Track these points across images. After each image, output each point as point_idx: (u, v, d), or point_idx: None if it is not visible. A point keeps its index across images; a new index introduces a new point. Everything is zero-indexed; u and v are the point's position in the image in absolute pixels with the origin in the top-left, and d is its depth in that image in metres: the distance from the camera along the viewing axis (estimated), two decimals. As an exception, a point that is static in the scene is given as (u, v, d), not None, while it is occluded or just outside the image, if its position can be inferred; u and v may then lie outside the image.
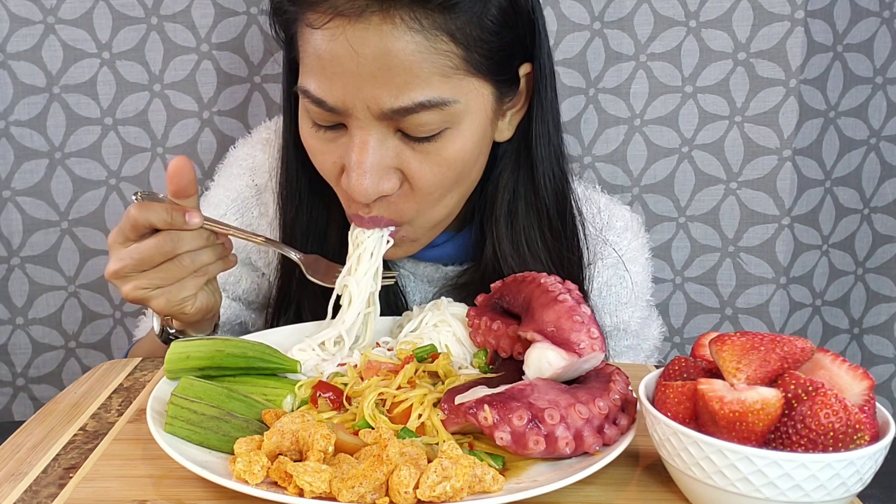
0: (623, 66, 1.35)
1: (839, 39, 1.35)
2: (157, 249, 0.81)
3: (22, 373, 1.39)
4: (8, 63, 1.29)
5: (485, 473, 0.60)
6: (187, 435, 0.66)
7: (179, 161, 0.83)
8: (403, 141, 0.81)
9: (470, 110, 0.81)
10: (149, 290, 0.82)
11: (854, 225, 1.44)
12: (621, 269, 1.01)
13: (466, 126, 0.82)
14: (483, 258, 0.95)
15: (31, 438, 0.71)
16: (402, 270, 1.00)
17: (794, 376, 0.57)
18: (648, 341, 1.07)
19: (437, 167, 0.82)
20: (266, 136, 1.04)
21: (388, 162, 0.81)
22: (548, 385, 0.67)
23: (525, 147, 0.91)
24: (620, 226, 1.02)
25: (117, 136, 1.34)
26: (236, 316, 1.05)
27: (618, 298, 1.02)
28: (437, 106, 0.78)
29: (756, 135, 1.36)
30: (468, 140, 0.82)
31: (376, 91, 0.76)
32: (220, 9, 1.31)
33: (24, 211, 1.34)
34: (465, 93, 0.80)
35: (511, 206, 0.92)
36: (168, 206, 0.82)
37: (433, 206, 0.86)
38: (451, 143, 0.81)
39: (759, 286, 1.41)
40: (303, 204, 0.95)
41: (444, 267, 1.00)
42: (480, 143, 0.85)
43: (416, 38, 0.76)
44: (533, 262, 0.92)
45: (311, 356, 0.82)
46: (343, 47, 0.76)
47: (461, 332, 0.82)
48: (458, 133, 0.81)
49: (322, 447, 0.61)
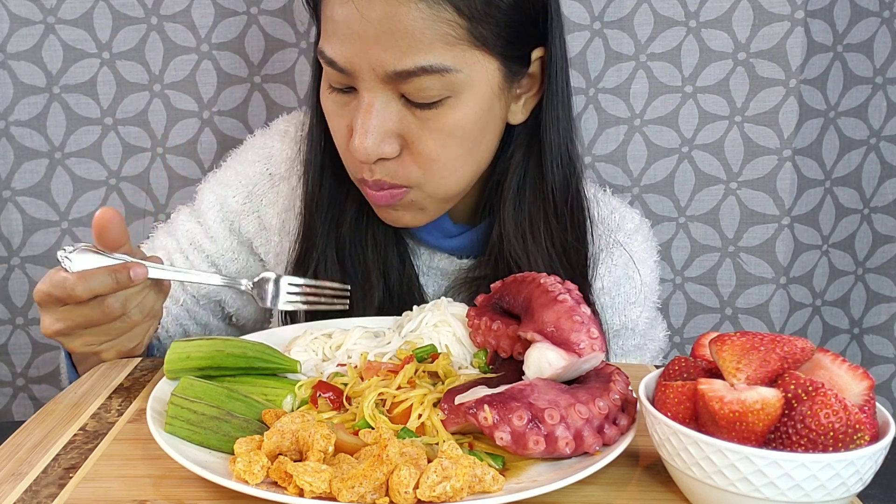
0: (623, 66, 1.35)
1: (839, 39, 1.35)
2: (104, 314, 0.78)
3: (22, 373, 1.39)
4: (8, 63, 1.29)
5: (485, 473, 0.60)
6: (187, 435, 0.66)
7: (105, 213, 0.78)
8: (406, 107, 0.84)
9: (472, 82, 0.84)
10: (96, 345, 0.82)
11: (854, 225, 1.44)
12: (630, 270, 1.02)
13: (468, 97, 0.84)
14: (489, 245, 0.96)
15: (31, 438, 0.71)
16: (417, 263, 1.01)
17: (794, 376, 0.57)
18: (655, 342, 1.08)
19: (437, 134, 0.84)
20: (284, 127, 1.05)
21: (390, 126, 0.84)
22: (548, 385, 0.67)
23: (536, 131, 0.93)
24: (631, 227, 1.04)
25: (117, 136, 1.34)
26: (216, 292, 1.06)
27: (626, 298, 1.03)
28: (438, 72, 0.81)
29: (756, 135, 1.36)
30: (469, 111, 0.84)
31: (381, 54, 0.80)
32: (220, 9, 1.31)
33: (24, 211, 1.34)
34: (468, 64, 0.83)
35: (519, 189, 0.94)
36: (110, 269, 0.77)
37: (440, 176, 0.87)
38: (451, 112, 0.84)
39: (759, 286, 1.41)
40: (325, 176, 0.96)
41: (458, 260, 1.01)
42: (485, 117, 0.86)
43: (420, 6, 0.79)
44: (535, 248, 0.93)
45: (311, 356, 0.82)
46: (352, 11, 0.80)
47: (461, 332, 0.82)
48: (460, 103, 0.84)
49: (322, 447, 0.61)
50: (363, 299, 0.96)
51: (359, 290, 0.96)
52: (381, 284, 0.97)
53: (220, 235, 1.04)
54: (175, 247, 1.05)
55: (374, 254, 0.97)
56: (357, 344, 0.82)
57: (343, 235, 0.97)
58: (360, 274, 0.97)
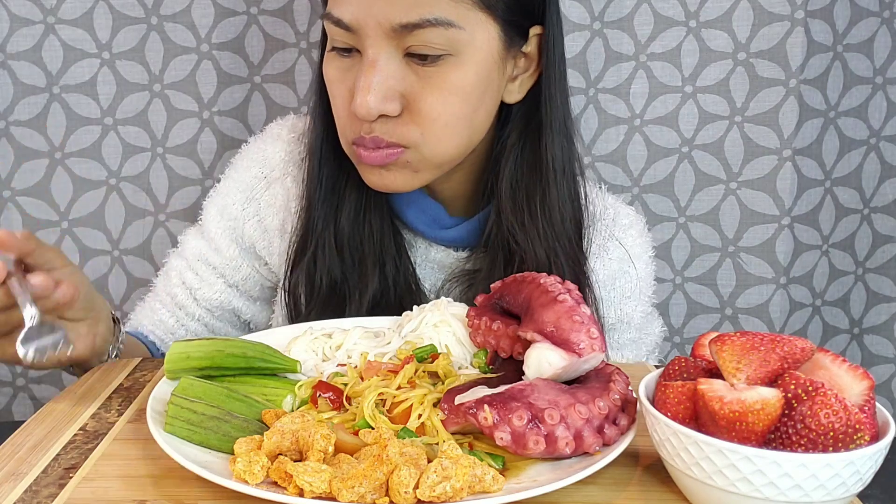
0: (623, 66, 1.35)
1: (839, 39, 1.35)
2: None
3: (22, 373, 1.39)
4: (8, 63, 1.29)
5: (485, 473, 0.60)
6: (187, 435, 0.66)
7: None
8: (409, 65, 0.86)
9: (474, 43, 0.86)
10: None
11: (854, 225, 1.44)
12: (625, 264, 1.04)
13: (469, 58, 0.86)
14: (486, 230, 0.97)
15: (31, 438, 0.71)
16: (413, 255, 1.02)
17: (794, 376, 0.57)
18: (650, 337, 1.09)
19: (439, 92, 0.86)
20: (277, 131, 1.06)
21: (392, 83, 0.86)
22: (548, 385, 0.67)
23: (534, 109, 0.95)
24: (626, 223, 1.05)
25: (117, 136, 1.34)
26: (228, 301, 1.07)
27: (622, 292, 1.04)
28: (443, 25, 0.84)
29: (756, 135, 1.36)
30: (470, 71, 0.87)
31: (386, 8, 0.83)
32: (220, 9, 1.31)
33: (24, 211, 1.34)
34: (472, 24, 0.85)
35: (516, 167, 0.96)
36: None
37: (437, 137, 0.88)
38: (453, 71, 0.86)
39: (759, 286, 1.41)
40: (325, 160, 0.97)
41: (454, 252, 1.01)
42: (484, 81, 0.89)
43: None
44: (531, 223, 0.94)
45: (311, 356, 0.82)
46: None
47: (461, 332, 0.82)
48: (461, 62, 0.86)
49: (322, 447, 0.61)
50: (358, 289, 0.97)
51: (355, 280, 0.97)
52: (378, 274, 0.98)
53: (224, 245, 1.05)
54: (185, 265, 1.06)
55: (370, 243, 0.98)
56: (357, 344, 0.82)
57: (342, 223, 0.98)
58: (357, 263, 0.98)
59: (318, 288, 0.97)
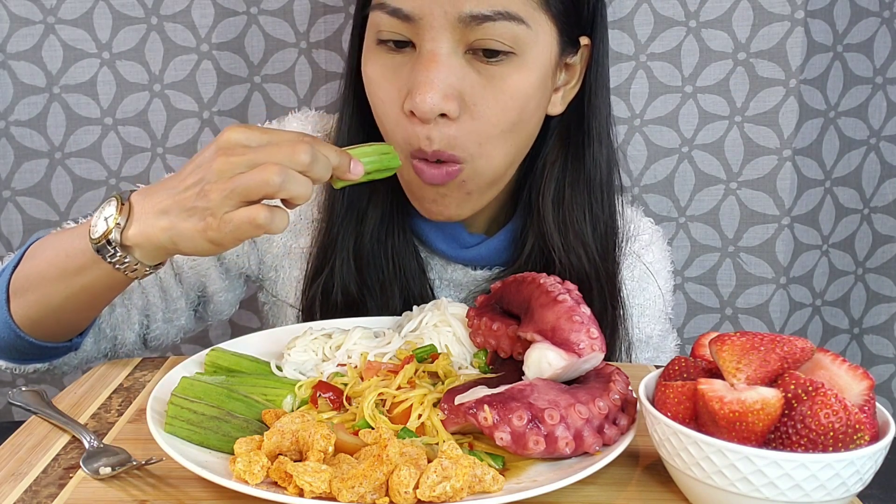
0: (623, 66, 1.35)
1: (839, 39, 1.35)
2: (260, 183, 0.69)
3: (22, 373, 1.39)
4: (8, 63, 1.29)
5: (485, 473, 0.60)
6: (187, 435, 0.66)
7: None
8: (470, 62, 0.82)
9: (538, 44, 0.83)
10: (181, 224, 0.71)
11: (854, 225, 1.44)
12: (644, 282, 1.02)
13: (532, 60, 0.83)
14: (526, 247, 0.94)
15: (31, 438, 0.71)
16: (429, 276, 0.99)
17: (794, 376, 0.57)
18: (665, 353, 1.07)
19: (500, 93, 0.83)
20: (300, 127, 1.03)
21: (453, 81, 0.81)
22: (548, 385, 0.67)
23: (577, 122, 0.92)
24: (646, 238, 1.03)
25: (117, 136, 1.34)
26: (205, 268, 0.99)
27: (640, 310, 1.02)
28: (515, 19, 0.80)
29: (756, 135, 1.36)
30: (531, 75, 0.84)
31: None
32: (220, 9, 1.31)
33: (24, 211, 1.34)
34: (537, 24, 0.82)
35: (558, 184, 0.93)
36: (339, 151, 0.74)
37: (493, 146, 0.85)
38: (515, 72, 0.83)
39: (759, 286, 1.41)
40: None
41: (472, 271, 0.99)
42: (541, 88, 0.86)
43: None
44: (576, 241, 0.92)
45: (311, 356, 0.82)
46: None
47: (461, 332, 0.82)
48: (524, 63, 0.83)
49: (322, 447, 0.61)
50: (381, 309, 0.94)
51: (375, 298, 0.95)
52: (398, 294, 0.95)
53: None
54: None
55: (393, 262, 0.95)
56: (357, 344, 0.82)
57: (364, 240, 0.94)
58: (379, 284, 0.95)
59: (335, 304, 0.94)
